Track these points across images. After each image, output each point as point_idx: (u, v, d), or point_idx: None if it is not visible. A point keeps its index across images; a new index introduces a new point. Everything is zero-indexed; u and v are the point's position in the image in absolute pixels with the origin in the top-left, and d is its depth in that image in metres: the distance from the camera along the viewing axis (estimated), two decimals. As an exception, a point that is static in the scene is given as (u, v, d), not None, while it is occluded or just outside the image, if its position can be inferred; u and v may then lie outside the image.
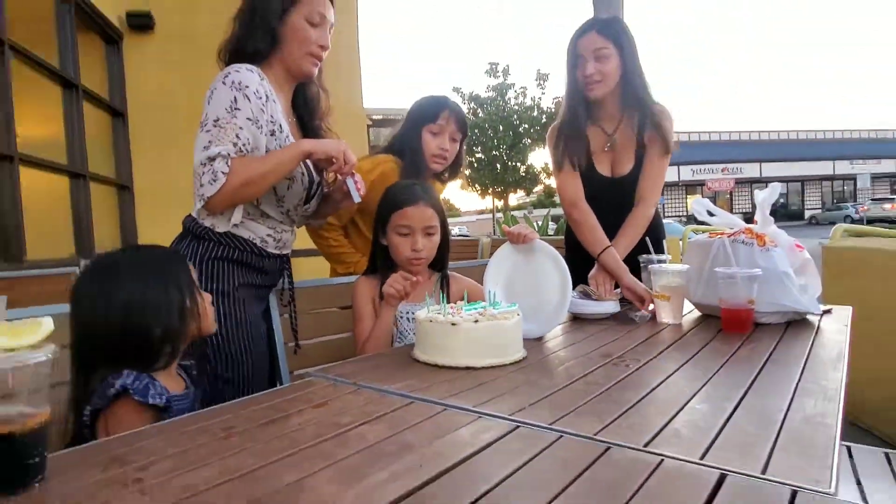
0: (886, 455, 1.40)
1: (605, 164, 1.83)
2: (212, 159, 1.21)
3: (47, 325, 0.61)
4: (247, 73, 1.28)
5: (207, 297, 1.12)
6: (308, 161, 1.39)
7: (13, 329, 0.59)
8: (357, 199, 1.37)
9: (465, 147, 1.90)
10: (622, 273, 1.61)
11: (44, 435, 0.60)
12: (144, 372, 0.95)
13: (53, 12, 4.39)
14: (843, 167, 33.40)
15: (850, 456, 1.41)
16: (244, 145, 1.25)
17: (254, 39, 1.34)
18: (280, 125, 1.35)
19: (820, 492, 0.53)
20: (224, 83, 1.26)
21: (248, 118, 1.26)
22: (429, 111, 1.80)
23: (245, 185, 1.24)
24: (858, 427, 2.44)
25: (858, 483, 1.29)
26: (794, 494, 0.53)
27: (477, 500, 0.53)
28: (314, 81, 1.49)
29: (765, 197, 1.42)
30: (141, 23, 5.35)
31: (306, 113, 1.51)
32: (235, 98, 1.25)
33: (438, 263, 1.50)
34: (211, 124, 1.24)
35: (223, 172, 1.21)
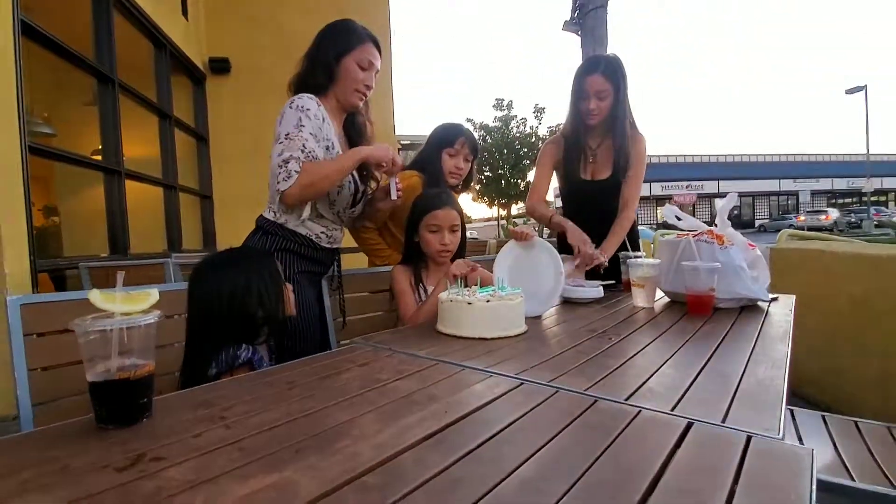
0: (823, 417, 1.37)
1: (587, 172, 1.86)
2: (286, 162, 1.22)
3: (154, 295, 0.63)
4: (307, 100, 1.30)
5: (289, 286, 1.12)
6: (355, 173, 1.42)
7: (129, 297, 0.61)
8: (394, 197, 1.39)
9: (475, 166, 1.90)
10: (568, 227, 1.68)
11: (151, 381, 0.62)
12: (249, 344, 0.99)
13: (153, 58, 4.49)
14: (787, 184, 32.61)
15: (794, 417, 1.38)
16: (310, 152, 1.27)
17: (314, 76, 1.37)
18: (332, 143, 1.37)
19: (770, 437, 0.53)
20: (291, 107, 1.29)
21: (310, 133, 1.28)
22: (448, 136, 1.79)
23: (313, 183, 1.25)
24: (801, 396, 2.39)
25: (800, 439, 1.26)
26: (748, 439, 0.52)
27: (489, 439, 0.54)
28: (361, 113, 1.51)
29: (724, 204, 1.39)
30: (220, 66, 5.45)
31: (355, 136, 1.53)
32: (300, 118, 1.27)
33: (458, 256, 1.51)
34: (283, 137, 1.25)
35: (296, 171, 1.22)
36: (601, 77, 1.69)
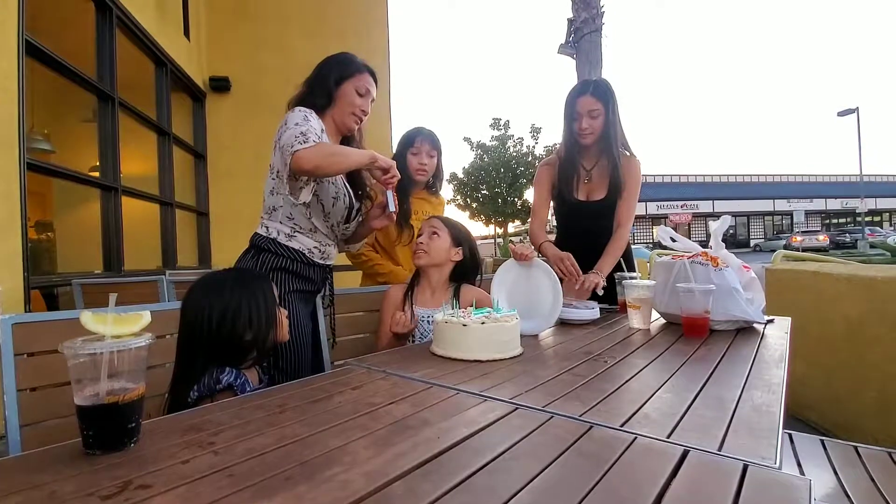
0: (822, 442, 1.36)
1: (582, 193, 1.88)
2: (304, 133, 1.22)
3: (146, 317, 0.63)
4: (307, 110, 1.33)
5: (283, 311, 1.10)
6: (350, 189, 1.44)
7: (120, 319, 0.61)
8: (392, 209, 1.41)
9: (441, 161, 1.97)
10: (549, 255, 1.71)
11: (140, 405, 0.61)
12: (235, 368, 0.97)
13: (153, 76, 4.55)
14: (781, 205, 32.97)
15: (792, 442, 1.37)
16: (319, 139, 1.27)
17: (313, 97, 1.41)
18: None
19: (767, 466, 0.52)
20: (293, 112, 1.31)
21: (316, 129, 1.30)
22: (408, 139, 1.93)
23: (331, 153, 1.25)
24: (799, 420, 2.37)
25: (799, 465, 1.25)
26: (745, 468, 0.52)
27: (483, 466, 0.53)
28: (355, 139, 1.54)
29: (717, 226, 1.40)
30: (220, 85, 5.52)
31: None
32: (306, 115, 1.30)
33: (472, 277, 1.57)
34: (293, 125, 1.25)
35: (314, 140, 1.22)
36: (592, 97, 1.75)
